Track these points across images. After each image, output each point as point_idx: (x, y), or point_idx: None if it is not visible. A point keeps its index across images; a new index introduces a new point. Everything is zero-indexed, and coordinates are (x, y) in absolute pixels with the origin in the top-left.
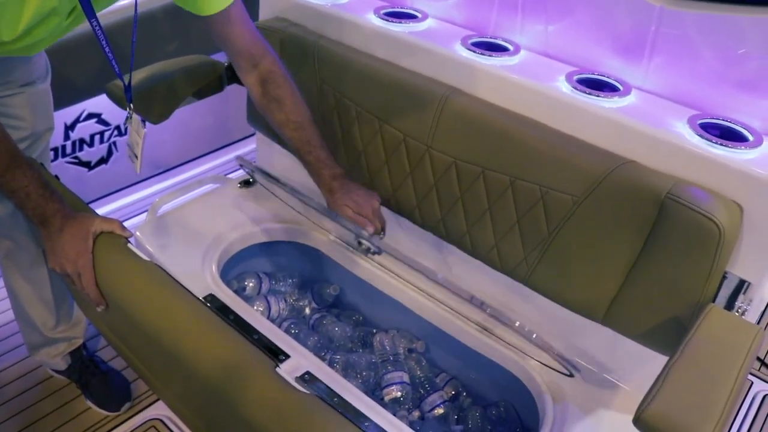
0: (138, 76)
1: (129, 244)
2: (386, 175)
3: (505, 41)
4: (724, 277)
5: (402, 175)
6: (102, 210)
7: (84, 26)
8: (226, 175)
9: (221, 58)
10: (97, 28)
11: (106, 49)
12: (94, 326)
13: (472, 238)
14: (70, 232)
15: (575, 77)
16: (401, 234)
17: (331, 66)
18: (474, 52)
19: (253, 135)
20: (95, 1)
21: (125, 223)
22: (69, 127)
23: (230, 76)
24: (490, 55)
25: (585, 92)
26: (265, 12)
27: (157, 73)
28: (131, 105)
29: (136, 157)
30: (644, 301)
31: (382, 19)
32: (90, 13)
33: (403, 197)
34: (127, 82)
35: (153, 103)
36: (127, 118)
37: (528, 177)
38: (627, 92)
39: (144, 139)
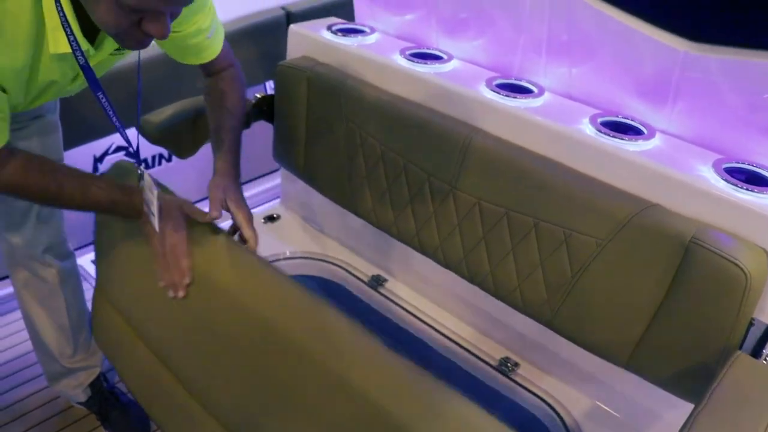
0: (166, 112)
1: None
2: (410, 215)
3: (530, 83)
4: (750, 324)
5: (425, 214)
6: None
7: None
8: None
9: (249, 94)
10: (104, 100)
11: (114, 119)
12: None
13: (495, 278)
14: (165, 215)
15: (599, 120)
16: (422, 271)
17: (357, 105)
18: (498, 93)
19: (277, 170)
20: (98, 68)
21: None
22: (98, 159)
23: (256, 113)
24: (514, 97)
25: (609, 135)
26: (293, 51)
27: (184, 109)
28: (142, 166)
29: (153, 215)
30: (669, 346)
31: (408, 59)
32: (96, 87)
33: (426, 237)
34: (135, 147)
35: (180, 138)
36: (139, 177)
37: (552, 219)
38: (651, 135)
39: (157, 198)
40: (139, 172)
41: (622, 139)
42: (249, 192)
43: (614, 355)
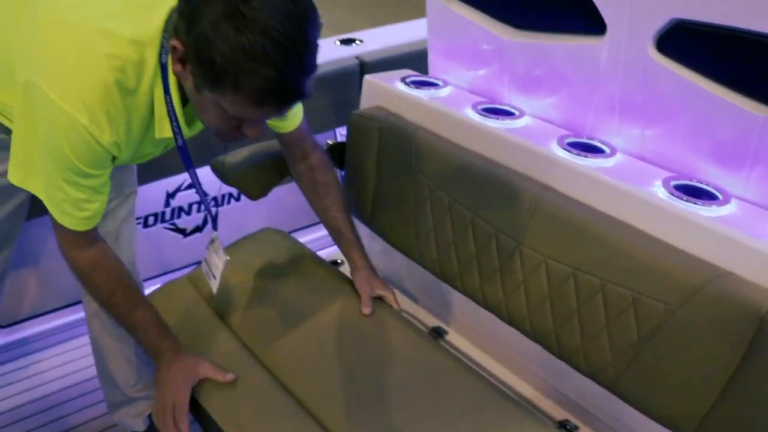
0: (242, 154)
1: None
2: (475, 268)
3: (602, 143)
4: None
5: (491, 269)
6: None
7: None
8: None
9: (320, 140)
10: (194, 176)
11: (199, 190)
12: None
13: (559, 338)
14: (178, 368)
15: (672, 183)
16: (484, 326)
17: (428, 157)
18: (570, 152)
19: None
20: (190, 129)
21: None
22: (170, 195)
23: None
24: (585, 156)
25: (682, 199)
26: (366, 100)
27: (258, 152)
28: (215, 230)
29: (215, 278)
30: (739, 421)
31: (480, 114)
32: (188, 164)
33: (490, 291)
34: (213, 214)
35: (253, 180)
36: (210, 241)
37: (620, 281)
38: (726, 201)
39: (225, 265)
40: (212, 234)
41: (695, 203)
42: (314, 235)
43: (680, 426)
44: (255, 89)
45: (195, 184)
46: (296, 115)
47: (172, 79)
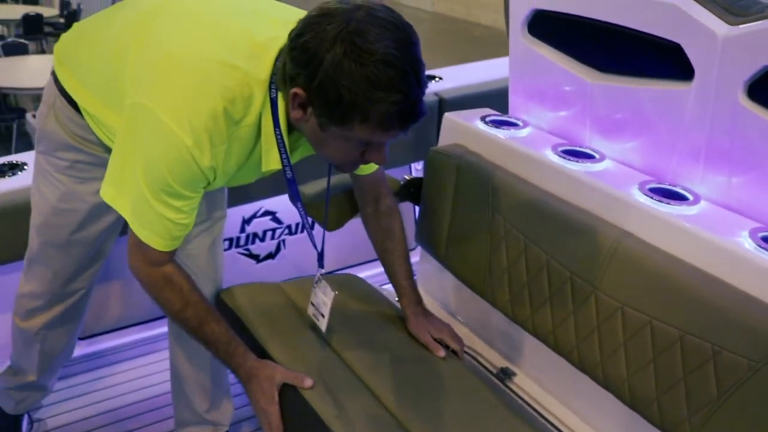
0: (320, 185)
1: None
2: (548, 311)
3: (685, 189)
4: None
5: (564, 313)
6: None
7: None
8: (381, 285)
9: (396, 174)
10: (301, 208)
11: (304, 218)
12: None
13: (632, 388)
14: (257, 382)
15: (759, 234)
16: (554, 370)
17: (505, 197)
18: (651, 198)
19: (414, 248)
20: (294, 156)
21: None
22: (246, 221)
23: (403, 194)
24: (667, 203)
25: None
26: (445, 137)
27: (336, 184)
28: (322, 268)
29: (323, 316)
30: None
31: (560, 156)
32: (296, 198)
33: (562, 336)
34: (320, 250)
35: (330, 211)
36: (316, 280)
37: (700, 333)
38: None
39: (333, 299)
40: (318, 274)
41: None
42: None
43: None
44: (383, 116)
45: (302, 217)
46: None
47: (281, 114)
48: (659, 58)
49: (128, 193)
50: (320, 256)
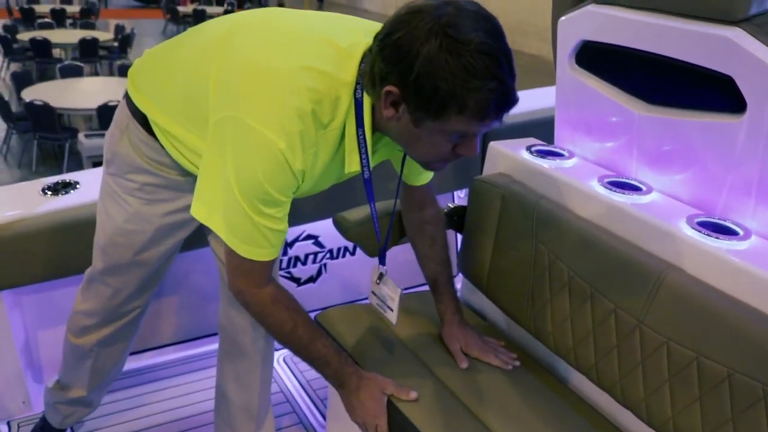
0: (363, 211)
1: None
2: (591, 344)
3: (735, 224)
4: None
5: (607, 346)
6: None
7: None
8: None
9: (440, 202)
10: (373, 206)
11: (376, 223)
12: None
13: (677, 427)
14: (366, 393)
15: None
16: (596, 405)
17: (549, 227)
18: (700, 232)
19: (456, 275)
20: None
21: None
22: (288, 244)
23: (447, 222)
24: (717, 237)
25: None
26: (489, 167)
27: (381, 210)
28: (384, 266)
29: (392, 309)
30: None
31: (606, 187)
32: (371, 198)
33: (605, 370)
34: (382, 245)
35: (373, 238)
36: (379, 276)
37: (751, 373)
38: None
39: (400, 297)
40: (380, 271)
41: None
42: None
43: None
44: (480, 104)
45: (372, 212)
46: (423, 173)
47: (367, 115)
48: (710, 91)
49: (222, 208)
50: (383, 254)
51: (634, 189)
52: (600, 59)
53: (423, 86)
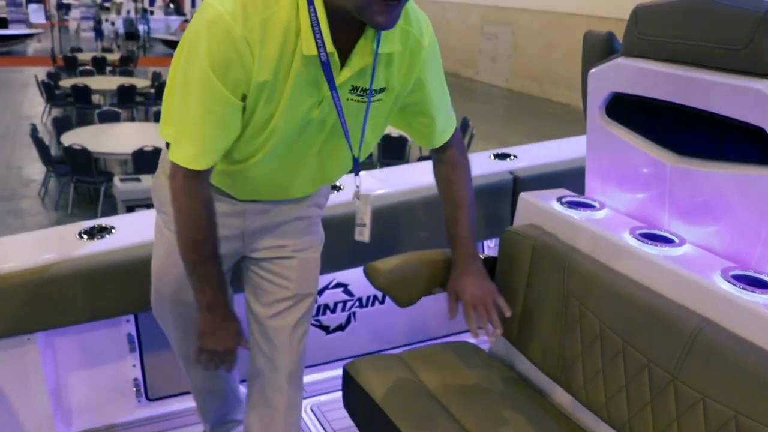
0: (394, 261)
1: None
2: (624, 399)
3: None
4: None
5: (641, 402)
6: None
7: (351, 207)
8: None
9: None
10: (336, 97)
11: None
12: None
13: None
14: (228, 326)
15: None
16: None
17: (581, 279)
18: (735, 285)
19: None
20: (347, 69)
21: None
22: (318, 292)
23: None
24: (752, 291)
25: None
26: (520, 217)
27: (412, 261)
28: (359, 182)
29: (365, 225)
30: None
31: (638, 239)
32: (332, 85)
33: (639, 427)
34: (356, 155)
35: (404, 288)
36: (355, 194)
37: None
38: None
39: (371, 211)
40: (356, 183)
41: None
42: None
43: None
44: None
45: (345, 132)
46: (445, 131)
47: (318, 2)
48: (741, 142)
49: (172, 119)
50: (356, 163)
51: (667, 241)
52: (630, 110)
53: None
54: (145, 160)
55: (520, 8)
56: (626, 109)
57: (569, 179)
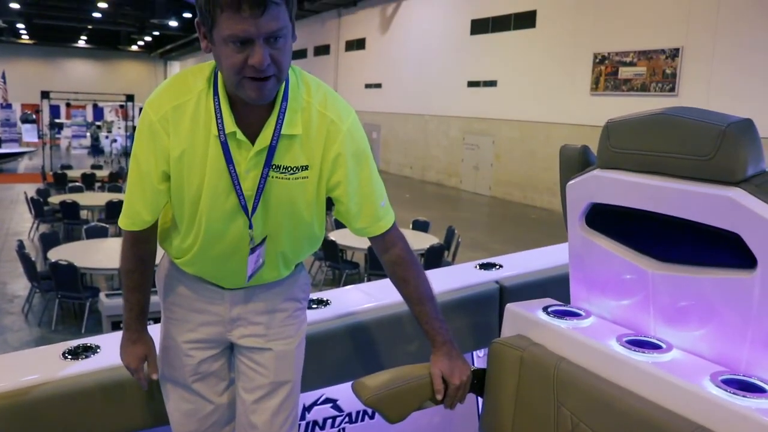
0: (382, 377)
1: None
2: None
3: (761, 380)
4: None
5: None
6: None
7: (338, 322)
8: None
9: None
10: (233, 171)
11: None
12: None
13: None
14: (135, 348)
15: None
16: None
17: (571, 389)
18: (725, 390)
19: None
20: (272, 193)
21: None
22: (306, 408)
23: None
24: (744, 396)
25: None
26: (507, 329)
27: (400, 377)
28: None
29: None
30: None
31: (625, 347)
32: (228, 159)
33: None
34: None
35: (393, 404)
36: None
37: None
38: None
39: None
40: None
41: None
42: None
43: None
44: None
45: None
46: (383, 220)
47: (221, 88)
48: (720, 247)
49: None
50: (254, 251)
51: (655, 347)
52: (609, 220)
53: (197, 3)
54: None
55: (499, 119)
56: (605, 219)
57: (555, 287)
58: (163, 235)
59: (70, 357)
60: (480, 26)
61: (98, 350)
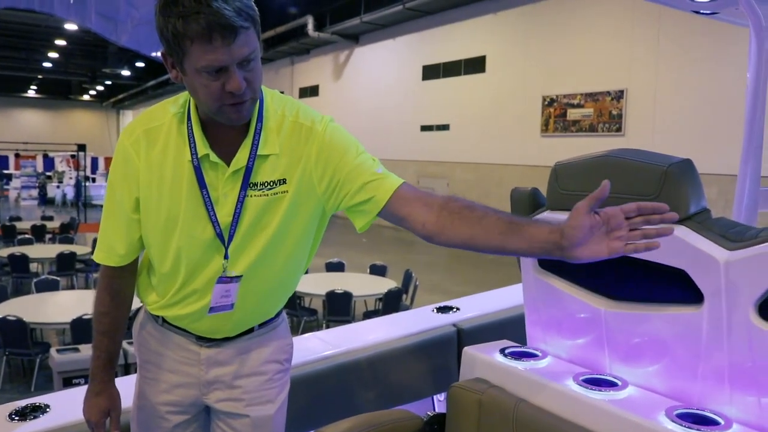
0: (343, 425)
1: None
2: None
3: (714, 413)
4: None
5: None
6: None
7: (296, 371)
8: None
9: (419, 409)
10: (208, 199)
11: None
12: None
13: None
14: (98, 400)
15: None
16: None
17: (530, 431)
18: (681, 424)
19: None
20: (252, 211)
21: None
22: None
23: (428, 431)
24: (698, 429)
25: None
26: (465, 372)
27: (361, 424)
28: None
29: None
30: None
31: (581, 385)
32: (202, 183)
33: None
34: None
35: None
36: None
37: None
38: None
39: None
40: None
41: None
42: None
43: None
44: (198, 26)
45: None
46: (387, 180)
47: (193, 113)
48: (668, 284)
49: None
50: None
51: (611, 385)
52: (562, 260)
53: (163, 36)
54: (84, 329)
55: (453, 162)
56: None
57: (512, 327)
58: (142, 284)
59: (17, 418)
60: (431, 71)
61: (48, 410)
